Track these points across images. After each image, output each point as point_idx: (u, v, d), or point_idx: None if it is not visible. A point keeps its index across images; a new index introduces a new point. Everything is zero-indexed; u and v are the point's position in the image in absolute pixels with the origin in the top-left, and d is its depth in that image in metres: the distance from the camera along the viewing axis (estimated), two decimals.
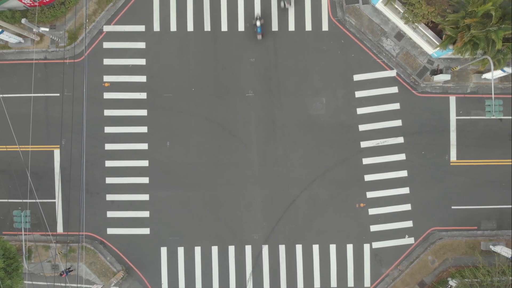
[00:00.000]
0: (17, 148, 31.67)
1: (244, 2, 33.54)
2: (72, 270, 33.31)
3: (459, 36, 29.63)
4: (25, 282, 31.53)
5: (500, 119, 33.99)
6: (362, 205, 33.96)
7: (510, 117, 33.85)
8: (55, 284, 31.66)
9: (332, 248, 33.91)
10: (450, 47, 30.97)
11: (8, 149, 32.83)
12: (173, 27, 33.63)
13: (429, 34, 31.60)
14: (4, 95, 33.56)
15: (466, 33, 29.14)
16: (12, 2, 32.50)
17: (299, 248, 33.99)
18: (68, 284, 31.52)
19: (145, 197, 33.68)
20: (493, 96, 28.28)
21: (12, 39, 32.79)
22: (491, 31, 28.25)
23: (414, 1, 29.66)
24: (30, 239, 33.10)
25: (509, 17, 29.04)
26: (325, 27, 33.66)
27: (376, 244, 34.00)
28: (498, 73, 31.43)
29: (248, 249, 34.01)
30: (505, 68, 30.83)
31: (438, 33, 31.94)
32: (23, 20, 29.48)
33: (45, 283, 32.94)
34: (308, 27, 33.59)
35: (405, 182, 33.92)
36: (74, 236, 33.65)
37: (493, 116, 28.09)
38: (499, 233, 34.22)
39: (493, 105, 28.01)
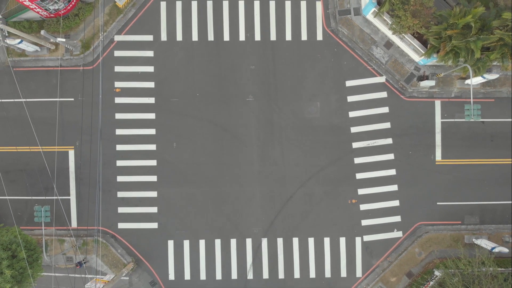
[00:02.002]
0: (39, 148, 34.09)
1: (245, 14, 35.67)
2: (86, 262, 35.73)
3: (442, 46, 32.03)
4: (45, 273, 33.72)
5: (482, 122, 36.26)
6: (354, 201, 36.04)
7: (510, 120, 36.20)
8: (75, 275, 33.90)
9: (326, 241, 36.00)
10: (434, 55, 33.24)
11: (28, 150, 35.14)
12: (179, 37, 35.75)
13: (415, 43, 33.99)
14: (20, 100, 35.78)
15: (448, 43, 31.53)
16: (30, 13, 34.85)
17: (295, 240, 36.03)
18: (87, 275, 33.80)
19: (153, 194, 35.79)
20: (471, 100, 30.65)
21: (29, 48, 35.02)
22: (471, 42, 30.59)
23: (400, 14, 32.03)
24: (48, 233, 35.41)
25: (488, 27, 31.47)
26: (319, 36, 35.84)
27: (367, 237, 36.04)
28: (479, 80, 33.66)
29: (249, 241, 36.08)
30: (485, 75, 33.07)
31: (424, 42, 34.25)
32: (42, 32, 31.90)
33: (63, 275, 35.19)
34: (304, 36, 35.78)
35: (394, 180, 36.00)
36: (87, 231, 35.95)
37: (472, 119, 30.41)
38: (481, 228, 36.26)
39: (472, 109, 30.37)
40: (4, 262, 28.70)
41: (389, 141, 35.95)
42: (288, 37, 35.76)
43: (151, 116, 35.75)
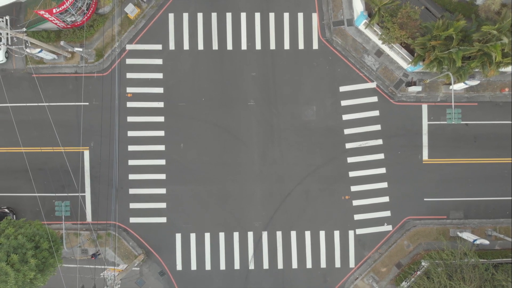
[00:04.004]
0: (61, 149, 36.97)
1: (247, 24, 38.39)
2: (99, 254, 38.51)
3: (427, 55, 34.79)
4: (65, 265, 36.42)
5: (466, 124, 38.82)
6: (347, 197, 38.57)
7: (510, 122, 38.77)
8: (96, 266, 36.59)
9: (322, 234, 38.59)
10: (420, 63, 35.94)
11: (51, 150, 37.97)
12: (186, 46, 38.46)
13: (403, 52, 36.74)
14: (38, 104, 38.48)
15: (432, 52, 34.30)
16: (48, 24, 37.70)
17: (293, 234, 38.62)
18: (106, 267, 36.38)
19: (162, 191, 38.44)
20: (453, 104, 33.49)
21: (48, 56, 37.82)
22: (452, 52, 33.38)
23: (389, 26, 34.83)
24: (66, 227, 38.00)
25: (469, 39, 34.28)
26: (315, 45, 38.52)
27: (359, 231, 38.57)
28: (462, 85, 36.41)
29: (250, 234, 38.67)
30: (467, 81, 35.84)
31: (412, 51, 36.88)
32: (62, 42, 34.83)
33: (79, 266, 37.98)
34: (301, 46, 38.47)
35: (384, 178, 38.53)
36: (101, 225, 38.66)
37: (453, 122, 33.23)
38: (465, 222, 38.79)
39: (453, 113, 33.21)
40: (29, 252, 31.55)
41: (379, 142, 38.54)
42: (287, 46, 38.43)
43: (160, 119, 38.43)
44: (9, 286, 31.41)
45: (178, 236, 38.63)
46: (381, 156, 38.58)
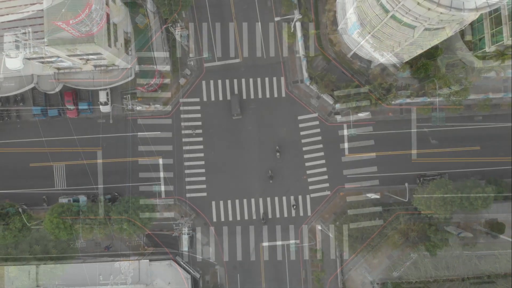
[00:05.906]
0: (79, 149, 39.82)
1: (248, 35, 41.09)
2: (111, 247, 41.23)
3: (414, 62, 37.61)
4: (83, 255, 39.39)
5: (452, 126, 40.83)
6: (341, 194, 41.25)
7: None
8: (113, 259, 39.66)
9: (318, 228, 41.15)
10: (409, 70, 38.77)
11: (70, 150, 40.95)
12: (190, 53, 41.19)
13: (393, 59, 39.48)
14: (53, 108, 41.16)
15: (419, 60, 37.13)
16: (63, 33, 39.98)
17: (291, 228, 41.25)
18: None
19: (170, 187, 41.17)
20: (437, 108, 36.22)
21: (64, 63, 40.37)
22: (437, 60, 36.19)
23: (379, 35, 37.45)
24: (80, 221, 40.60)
25: (452, 48, 37.05)
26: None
27: (353, 225, 40.50)
28: (447, 90, 39.12)
29: (252, 228, 41.33)
30: (452, 86, 38.52)
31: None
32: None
33: (104, 259, 40.73)
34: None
35: (376, 176, 41.13)
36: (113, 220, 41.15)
37: (438, 124, 36.01)
38: (453, 217, 40.42)
39: (438, 116, 35.95)
40: (50, 244, 34.58)
41: (371, 142, 41.16)
42: (285, 53, 41.16)
43: (168, 121, 41.25)
44: (31, 275, 34.49)
45: (184, 231, 40.24)
46: (373, 155, 41.15)
